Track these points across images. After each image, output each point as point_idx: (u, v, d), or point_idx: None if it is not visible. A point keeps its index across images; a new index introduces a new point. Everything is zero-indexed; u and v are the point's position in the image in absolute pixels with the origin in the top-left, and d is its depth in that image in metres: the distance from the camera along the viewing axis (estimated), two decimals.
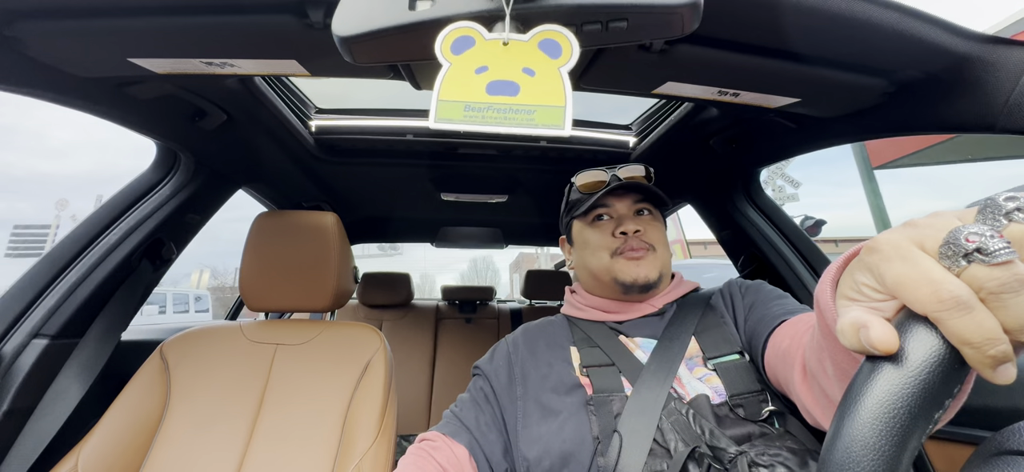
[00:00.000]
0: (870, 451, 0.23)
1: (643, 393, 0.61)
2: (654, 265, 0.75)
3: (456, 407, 0.73)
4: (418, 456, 0.64)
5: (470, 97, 0.45)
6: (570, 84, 0.45)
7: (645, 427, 0.57)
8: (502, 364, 0.76)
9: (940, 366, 0.23)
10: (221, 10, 0.57)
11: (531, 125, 0.44)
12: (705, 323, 0.71)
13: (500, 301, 2.70)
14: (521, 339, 0.80)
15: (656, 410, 0.58)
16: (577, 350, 0.73)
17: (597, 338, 0.73)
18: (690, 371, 0.65)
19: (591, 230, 0.81)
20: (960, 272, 0.22)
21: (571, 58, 0.45)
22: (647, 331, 0.74)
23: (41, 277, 0.88)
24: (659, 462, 0.55)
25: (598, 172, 0.83)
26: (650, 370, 0.64)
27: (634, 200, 0.80)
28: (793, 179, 17.63)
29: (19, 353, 0.82)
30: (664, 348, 0.67)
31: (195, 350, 0.90)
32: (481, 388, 0.74)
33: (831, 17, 0.54)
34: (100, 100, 0.79)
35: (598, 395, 0.64)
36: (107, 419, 0.78)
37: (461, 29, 0.46)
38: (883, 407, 0.23)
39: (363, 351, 0.90)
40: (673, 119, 1.10)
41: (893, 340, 0.24)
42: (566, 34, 0.45)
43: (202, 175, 1.11)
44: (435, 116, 0.45)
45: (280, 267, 0.97)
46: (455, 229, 2.27)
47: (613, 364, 0.68)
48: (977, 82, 0.59)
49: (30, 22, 0.58)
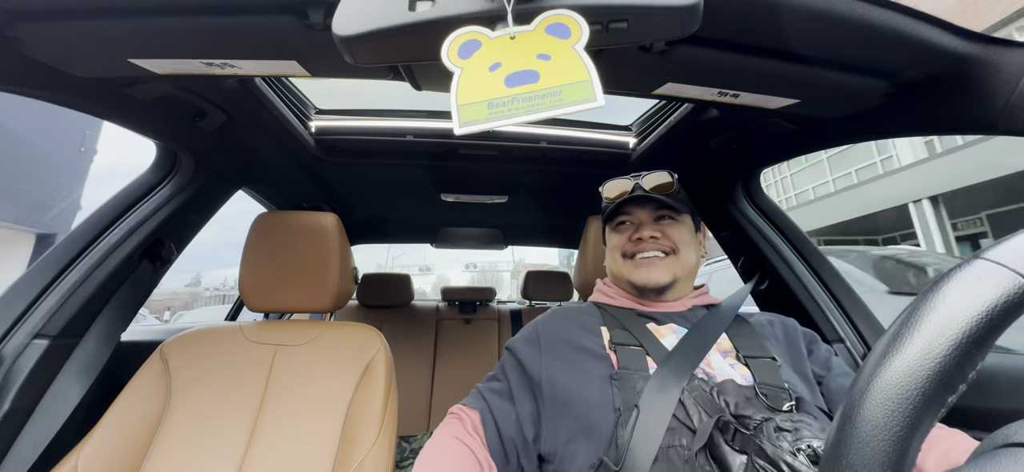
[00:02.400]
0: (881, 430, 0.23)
1: (666, 373, 0.63)
2: (667, 269, 0.79)
3: (481, 382, 0.79)
4: (449, 423, 0.71)
5: (491, 95, 0.44)
6: (590, 58, 0.44)
7: (664, 404, 0.59)
8: (531, 336, 0.80)
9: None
10: (221, 11, 0.57)
11: (560, 105, 0.44)
12: (740, 329, 0.75)
13: (500, 302, 2.70)
14: (551, 316, 0.83)
15: (677, 389, 0.60)
16: (607, 330, 0.76)
17: (626, 322, 0.76)
18: (723, 359, 0.69)
19: (613, 233, 0.88)
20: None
21: (582, 36, 0.44)
22: (677, 321, 0.77)
23: (41, 277, 0.88)
24: (678, 437, 0.57)
25: (623, 181, 0.87)
26: (677, 354, 0.66)
27: (654, 208, 0.84)
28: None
29: (19, 353, 0.82)
30: (693, 337, 0.70)
31: (195, 351, 0.90)
32: (504, 364, 0.79)
33: (831, 18, 0.54)
34: (100, 100, 0.79)
35: (623, 371, 0.66)
36: (107, 420, 0.78)
37: (465, 34, 0.45)
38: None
39: (364, 352, 0.90)
40: (673, 120, 1.10)
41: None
42: (572, 15, 0.45)
43: (202, 176, 1.11)
44: (459, 122, 0.44)
45: (280, 268, 0.97)
46: (455, 230, 2.27)
47: (641, 345, 0.71)
48: (977, 83, 0.59)
49: (30, 23, 0.58)
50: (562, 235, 2.36)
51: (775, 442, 0.49)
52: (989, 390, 0.76)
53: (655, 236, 0.80)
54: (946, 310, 0.24)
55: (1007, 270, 0.25)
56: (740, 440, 0.52)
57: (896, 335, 0.25)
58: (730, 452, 0.51)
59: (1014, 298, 0.24)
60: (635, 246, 0.81)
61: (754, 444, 0.50)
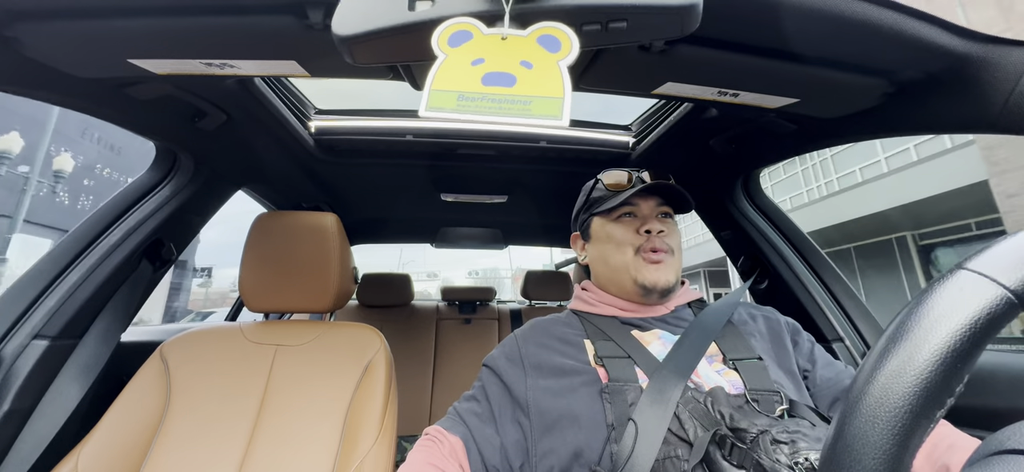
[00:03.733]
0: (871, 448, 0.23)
1: (660, 385, 0.61)
2: (673, 269, 0.77)
3: (459, 402, 0.74)
4: (425, 447, 0.67)
5: (464, 87, 0.44)
6: (569, 78, 0.44)
7: (660, 417, 0.58)
8: (513, 354, 0.76)
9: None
10: (221, 11, 0.57)
11: (526, 115, 0.44)
12: (725, 330, 0.73)
13: (500, 301, 2.70)
14: (530, 331, 0.80)
15: (672, 401, 0.59)
16: (590, 343, 0.73)
17: (610, 332, 0.74)
18: (710, 365, 0.67)
19: (616, 225, 0.81)
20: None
21: (571, 53, 0.45)
22: (660, 326, 0.75)
23: (41, 277, 0.88)
24: (674, 450, 0.55)
25: (623, 172, 0.84)
26: (669, 365, 0.65)
27: (657, 203, 0.81)
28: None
29: (19, 354, 0.81)
30: (684, 345, 0.68)
31: (195, 351, 0.90)
32: (484, 383, 0.74)
33: (831, 18, 0.54)
34: (100, 101, 0.79)
35: (613, 384, 0.64)
36: (107, 420, 0.78)
37: (459, 24, 0.45)
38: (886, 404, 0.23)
39: (364, 352, 0.90)
40: (673, 119, 1.10)
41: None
42: (565, 31, 0.45)
43: (202, 176, 1.11)
44: (426, 104, 0.44)
45: (280, 268, 0.97)
46: (454, 229, 2.27)
47: (628, 356, 0.69)
48: (977, 82, 0.59)
49: (30, 23, 0.58)
50: (562, 235, 2.36)
51: (772, 455, 0.48)
52: (989, 389, 0.77)
53: (662, 231, 0.77)
54: (930, 326, 0.24)
55: (989, 280, 0.24)
56: (737, 454, 0.51)
57: (883, 352, 0.25)
58: (728, 467, 0.51)
59: (997, 310, 0.23)
60: (650, 242, 0.76)
61: (751, 458, 0.49)
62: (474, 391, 0.74)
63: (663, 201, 0.81)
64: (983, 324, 0.23)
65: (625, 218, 0.81)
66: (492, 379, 0.74)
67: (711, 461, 0.52)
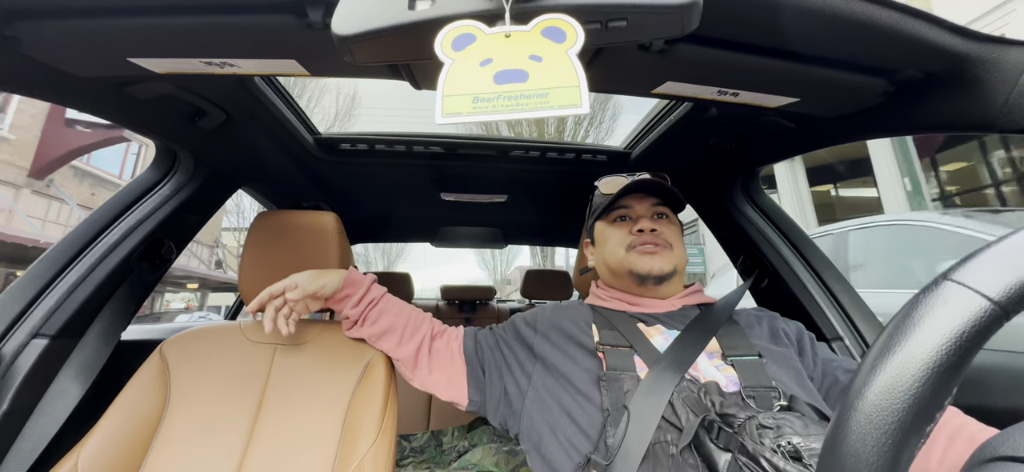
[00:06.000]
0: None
1: (657, 375, 0.64)
2: (668, 260, 0.81)
3: (479, 330, 0.89)
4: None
5: (477, 89, 0.44)
6: (581, 65, 0.44)
7: (654, 406, 0.60)
8: (531, 322, 0.85)
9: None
10: (221, 10, 0.56)
11: (546, 107, 0.44)
12: (727, 328, 0.76)
13: (500, 300, 2.70)
14: (548, 309, 0.88)
15: (667, 391, 0.62)
16: (597, 328, 0.78)
17: (616, 323, 0.78)
18: (709, 360, 0.70)
19: (611, 228, 0.88)
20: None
21: (577, 41, 0.45)
22: (667, 323, 0.78)
23: (41, 277, 0.88)
24: (665, 435, 0.58)
25: (621, 177, 0.91)
26: (668, 357, 0.67)
27: (653, 203, 0.87)
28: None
29: (19, 353, 0.81)
30: (685, 340, 0.71)
31: (195, 350, 0.90)
32: (505, 328, 0.88)
33: (831, 17, 0.54)
34: (99, 100, 0.79)
35: (610, 372, 0.68)
36: (107, 419, 0.78)
37: (461, 27, 0.45)
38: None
39: (363, 351, 0.90)
40: (672, 119, 1.10)
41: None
42: (568, 20, 0.45)
43: (202, 175, 1.11)
44: (441, 111, 0.44)
45: (280, 267, 0.97)
46: (455, 229, 2.27)
47: (630, 346, 0.72)
48: (976, 81, 0.59)
49: (29, 22, 0.58)
50: (562, 234, 2.36)
51: (756, 439, 0.50)
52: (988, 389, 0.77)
53: (654, 229, 0.82)
54: (917, 340, 0.24)
55: (973, 292, 0.24)
56: (724, 438, 0.54)
57: (873, 367, 0.25)
58: (716, 450, 0.53)
59: (982, 322, 0.23)
60: (638, 237, 0.82)
61: (736, 441, 0.52)
62: (493, 328, 0.89)
63: (660, 201, 0.87)
64: (969, 338, 0.23)
65: (621, 221, 0.88)
66: (512, 329, 0.86)
67: (700, 444, 0.55)
